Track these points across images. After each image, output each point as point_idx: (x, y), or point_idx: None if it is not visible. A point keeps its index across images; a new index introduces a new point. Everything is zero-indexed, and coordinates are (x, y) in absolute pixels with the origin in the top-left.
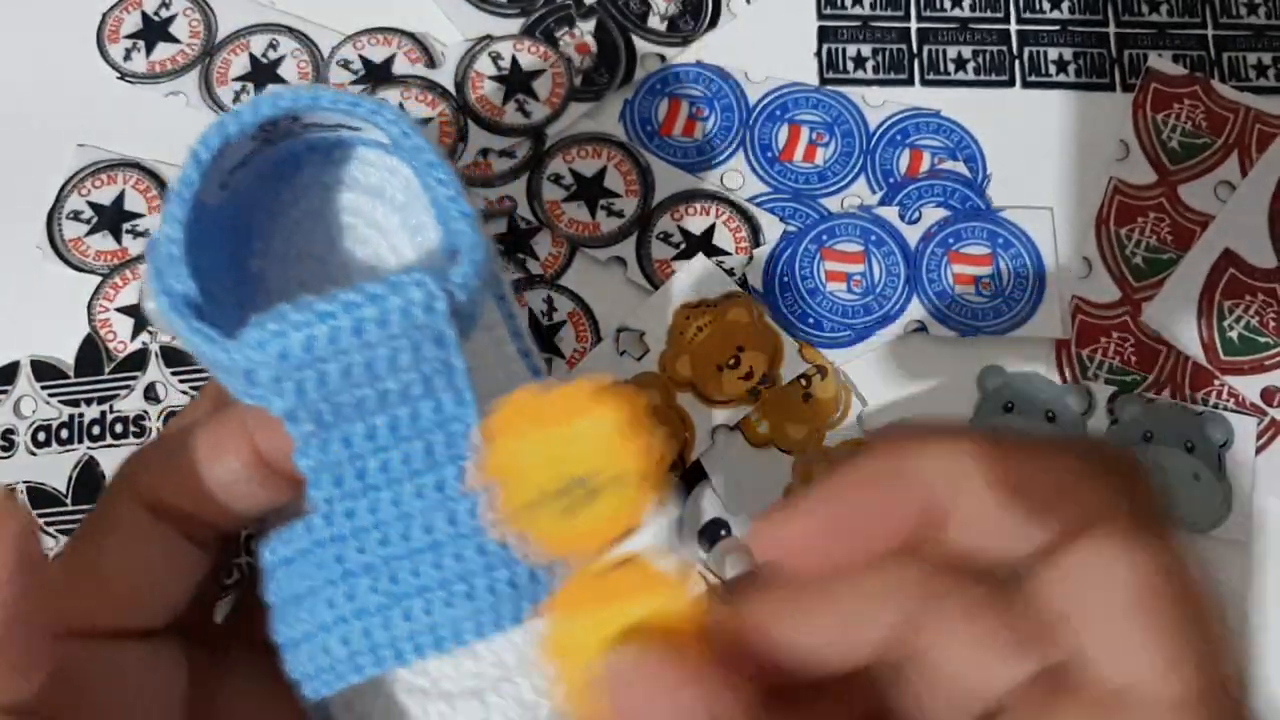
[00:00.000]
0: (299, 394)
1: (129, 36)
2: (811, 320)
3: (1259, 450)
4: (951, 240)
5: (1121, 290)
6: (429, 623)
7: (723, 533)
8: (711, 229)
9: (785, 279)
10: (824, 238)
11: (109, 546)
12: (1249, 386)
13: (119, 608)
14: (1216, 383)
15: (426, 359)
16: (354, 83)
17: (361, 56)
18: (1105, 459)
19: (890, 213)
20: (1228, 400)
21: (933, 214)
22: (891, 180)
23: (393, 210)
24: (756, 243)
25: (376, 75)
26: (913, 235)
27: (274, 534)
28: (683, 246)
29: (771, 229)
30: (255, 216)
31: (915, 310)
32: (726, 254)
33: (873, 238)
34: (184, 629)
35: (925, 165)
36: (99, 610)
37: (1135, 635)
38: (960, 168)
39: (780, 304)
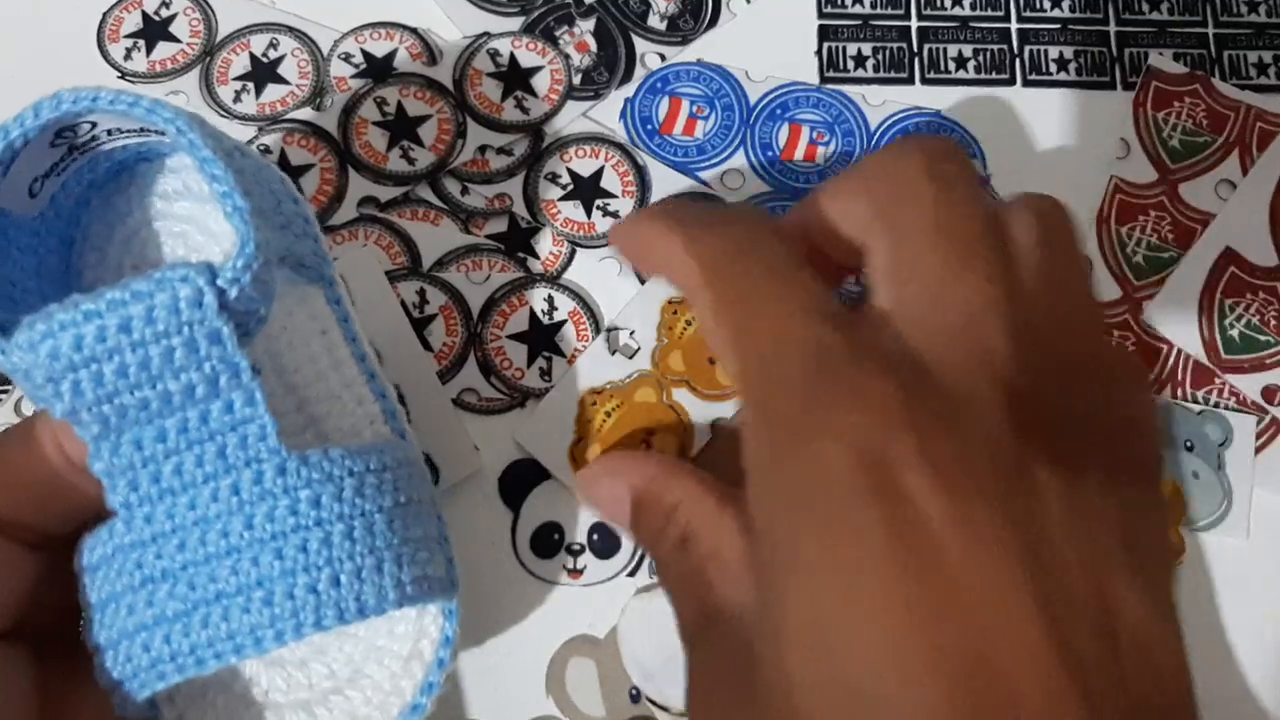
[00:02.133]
0: (76, 395)
1: (129, 36)
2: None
3: (1259, 449)
4: None
5: (1122, 289)
6: (228, 629)
7: None
8: None
9: None
10: None
11: None
12: (1250, 385)
13: None
14: (1217, 381)
15: (205, 358)
16: (355, 77)
17: (364, 50)
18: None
19: None
20: (1229, 399)
21: None
22: None
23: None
24: None
25: (377, 70)
26: None
27: (84, 538)
28: None
29: None
30: (89, 226)
31: None
32: None
33: None
34: (35, 633)
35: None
36: None
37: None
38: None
39: None
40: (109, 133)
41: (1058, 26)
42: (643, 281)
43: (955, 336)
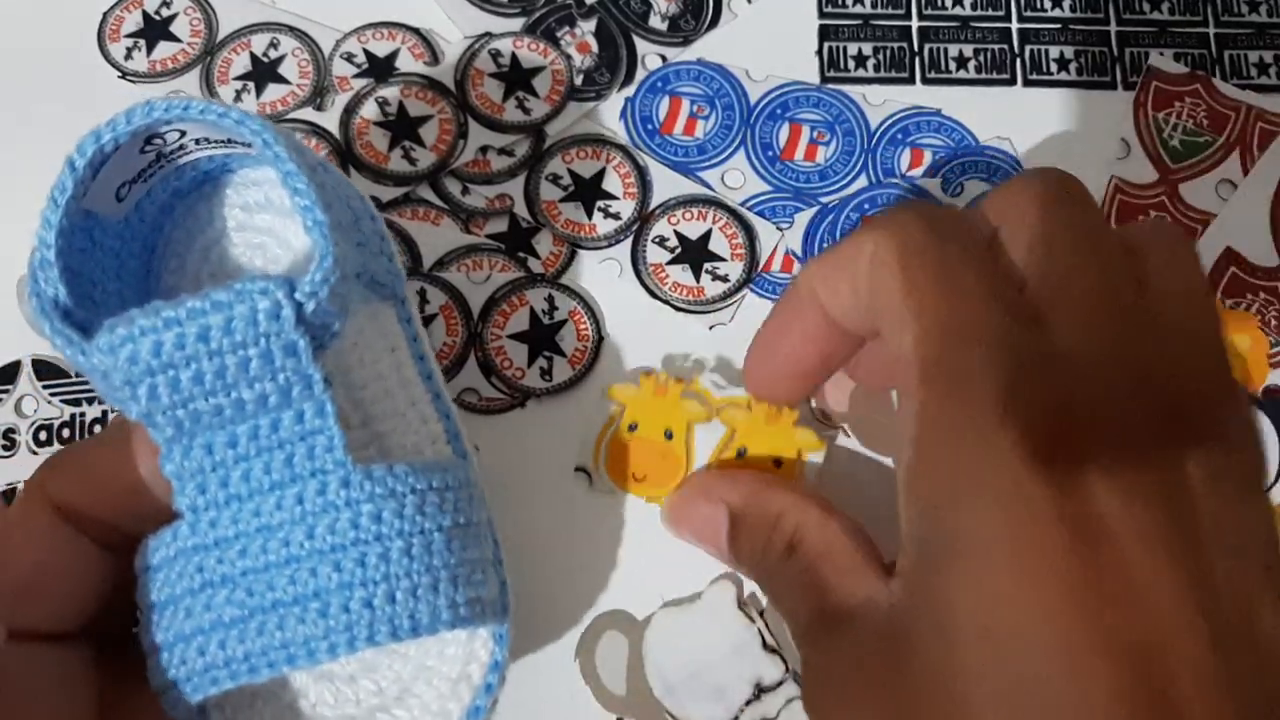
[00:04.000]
0: (152, 399)
1: (130, 35)
2: None
3: None
4: None
5: None
6: (283, 638)
7: None
8: (708, 234)
9: (825, 245)
10: (866, 206)
11: (13, 547)
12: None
13: (21, 609)
14: None
15: (280, 368)
16: (356, 76)
17: (365, 50)
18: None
19: (933, 184)
20: None
21: (975, 188)
22: (892, 180)
23: (304, 231)
24: (753, 249)
25: (378, 70)
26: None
27: (146, 539)
28: (678, 251)
29: (768, 235)
30: (172, 233)
31: None
32: (722, 260)
33: None
34: (100, 635)
35: (925, 162)
36: (2, 611)
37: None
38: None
39: None
40: (196, 142)
41: (1058, 26)
42: (649, 292)
43: (1117, 349)
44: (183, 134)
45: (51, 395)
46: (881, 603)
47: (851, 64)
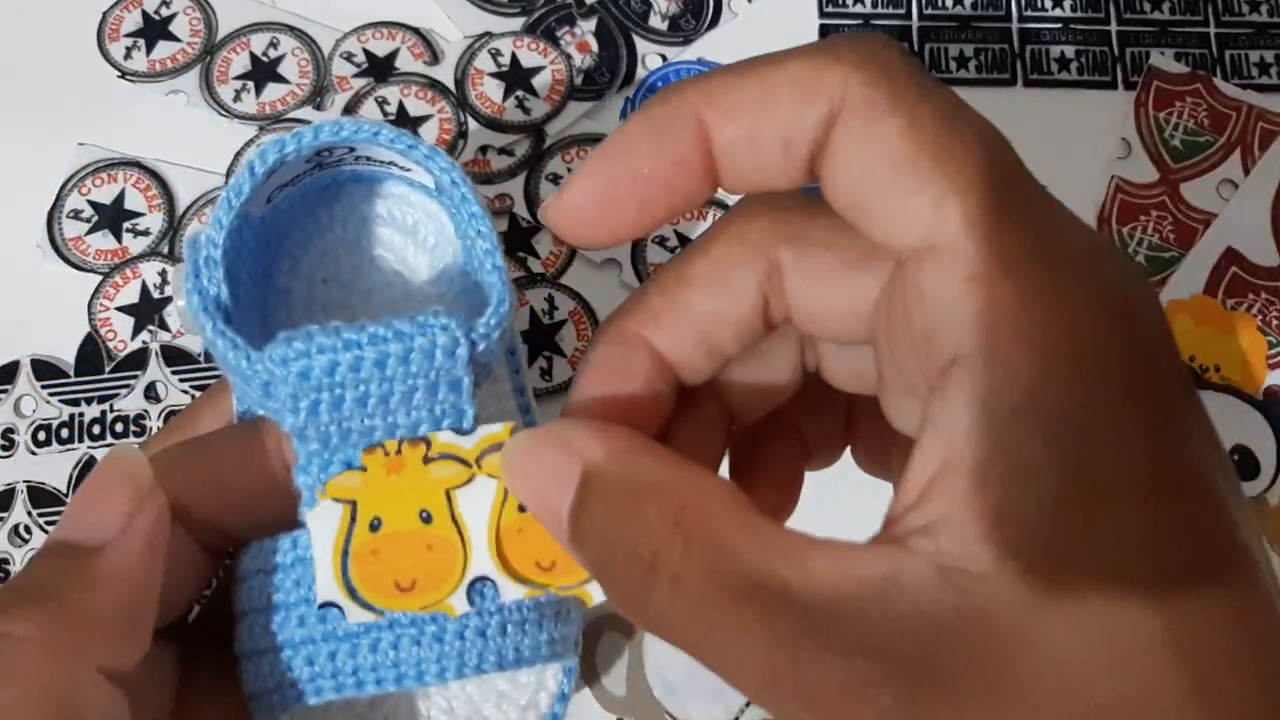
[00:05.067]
0: (312, 414)
1: (129, 35)
2: None
3: None
4: None
5: None
6: (395, 658)
7: None
8: None
9: None
10: None
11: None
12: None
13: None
14: None
15: (440, 401)
16: (356, 76)
17: (365, 50)
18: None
19: None
20: None
21: None
22: None
23: (423, 251)
24: None
25: (378, 69)
26: None
27: (259, 543)
28: (678, 251)
29: None
30: (292, 234)
31: None
32: None
33: None
34: (175, 631)
35: None
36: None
37: (904, 186)
38: None
39: None
40: (358, 158)
41: (1059, 26)
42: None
43: None
44: (351, 149)
45: (50, 395)
46: None
47: None
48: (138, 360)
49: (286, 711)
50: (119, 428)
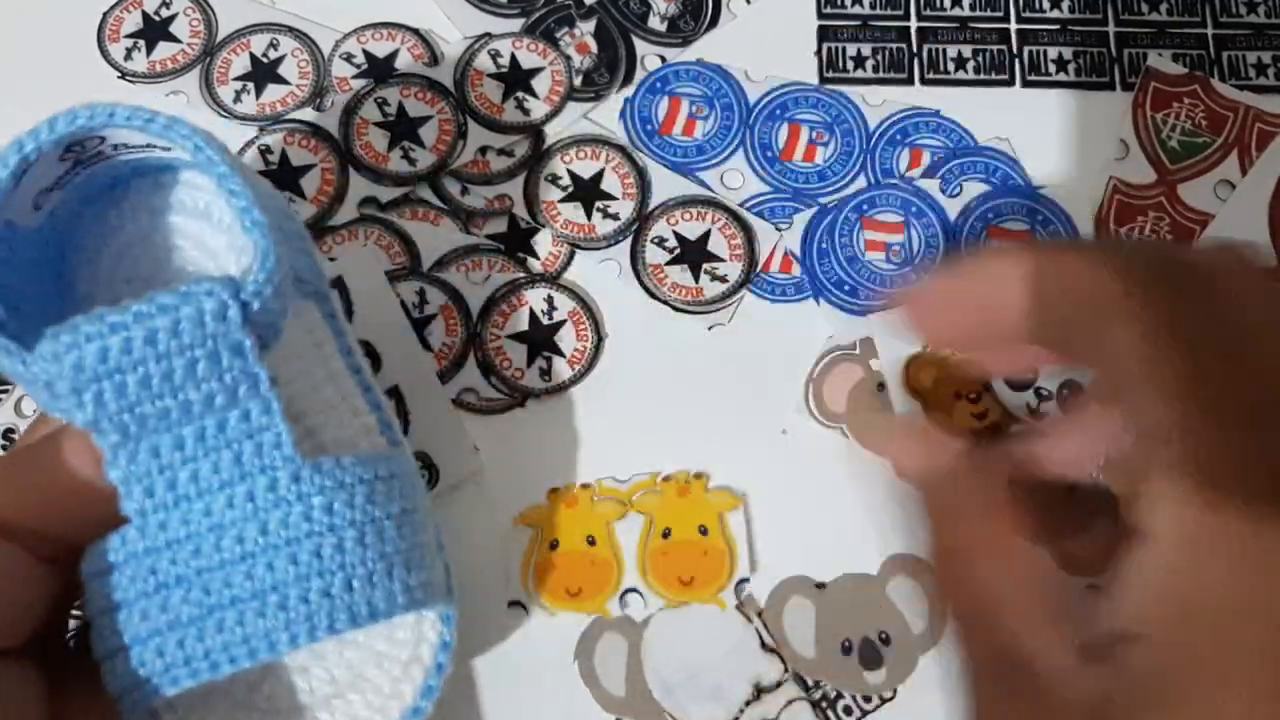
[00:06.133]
0: (99, 405)
1: (129, 36)
2: (848, 288)
3: None
4: (991, 215)
5: None
6: (243, 633)
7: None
8: (707, 235)
9: (824, 245)
10: (865, 207)
11: None
12: None
13: None
14: None
15: (227, 369)
16: (356, 77)
17: (365, 51)
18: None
19: (932, 185)
20: None
21: (974, 188)
22: (891, 180)
23: (219, 231)
24: (752, 249)
25: (378, 70)
26: (953, 208)
27: (92, 546)
28: (677, 252)
29: (766, 236)
30: (82, 239)
31: None
32: (721, 260)
33: (913, 209)
34: (44, 648)
35: (924, 163)
36: None
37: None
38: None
39: (818, 270)
40: (115, 147)
41: (1057, 27)
42: (648, 292)
43: None
44: (103, 140)
45: None
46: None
47: (850, 64)
48: None
49: (154, 706)
50: None
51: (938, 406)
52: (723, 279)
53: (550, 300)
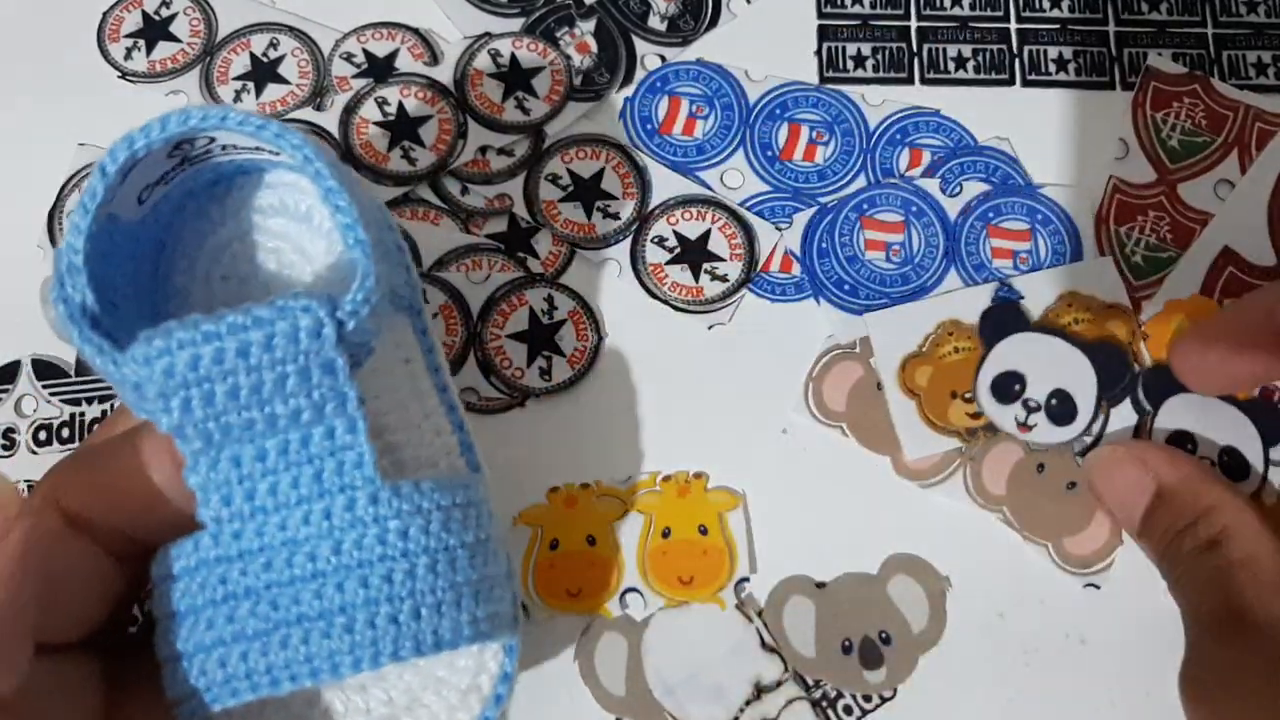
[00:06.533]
0: (185, 411)
1: (129, 36)
2: (848, 287)
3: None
4: (991, 215)
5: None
6: (307, 652)
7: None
8: (707, 234)
9: (824, 245)
10: (865, 206)
11: (24, 561)
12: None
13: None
14: None
15: (316, 385)
16: (356, 76)
17: (365, 50)
18: None
19: (932, 185)
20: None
21: (973, 188)
22: (891, 180)
23: (318, 236)
24: (752, 249)
25: (378, 70)
26: (953, 208)
27: (164, 548)
28: (677, 251)
29: (767, 235)
30: (182, 234)
31: (952, 283)
32: (721, 260)
33: (913, 209)
34: (105, 643)
35: (924, 163)
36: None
37: None
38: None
39: (818, 269)
40: (224, 148)
41: (1057, 27)
42: (647, 291)
43: None
44: (211, 139)
45: (51, 395)
46: None
47: (850, 64)
48: None
49: (210, 715)
50: None
51: (933, 405)
52: (723, 278)
53: (550, 300)
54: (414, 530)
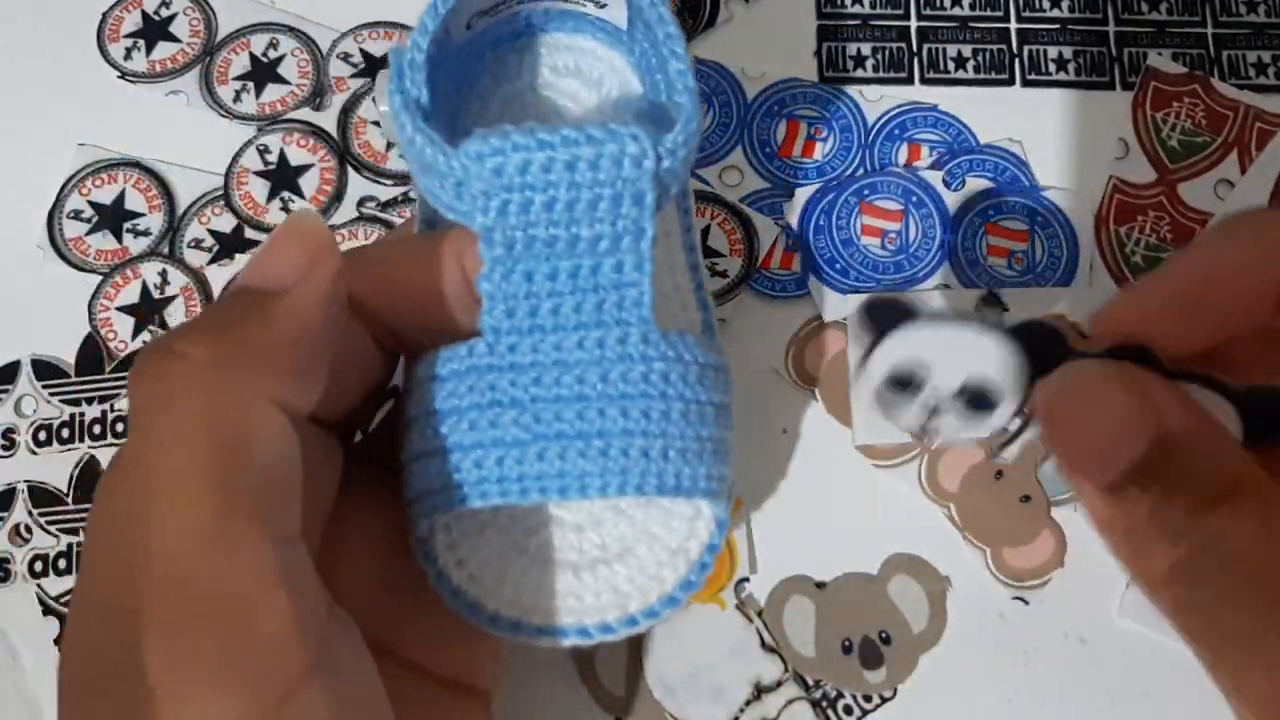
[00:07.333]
0: (501, 214)
1: (129, 35)
2: (839, 266)
3: None
4: (991, 212)
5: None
6: (560, 468)
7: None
8: (706, 230)
9: (821, 223)
10: (866, 192)
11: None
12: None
13: (312, 394)
14: None
15: (623, 215)
16: (354, 76)
17: (362, 50)
18: None
19: (935, 177)
20: None
21: (976, 184)
22: (894, 169)
23: (606, 105)
24: (751, 245)
25: (376, 69)
26: (954, 202)
27: (435, 350)
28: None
29: (766, 231)
30: (481, 78)
31: (944, 276)
32: (721, 255)
33: (914, 199)
34: (348, 432)
35: (923, 158)
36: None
37: None
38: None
39: (811, 246)
40: None
41: (1057, 27)
42: None
43: None
44: None
45: (50, 395)
46: None
47: (850, 64)
48: None
49: (443, 520)
50: (120, 427)
51: None
52: (722, 274)
53: None
54: (674, 376)
